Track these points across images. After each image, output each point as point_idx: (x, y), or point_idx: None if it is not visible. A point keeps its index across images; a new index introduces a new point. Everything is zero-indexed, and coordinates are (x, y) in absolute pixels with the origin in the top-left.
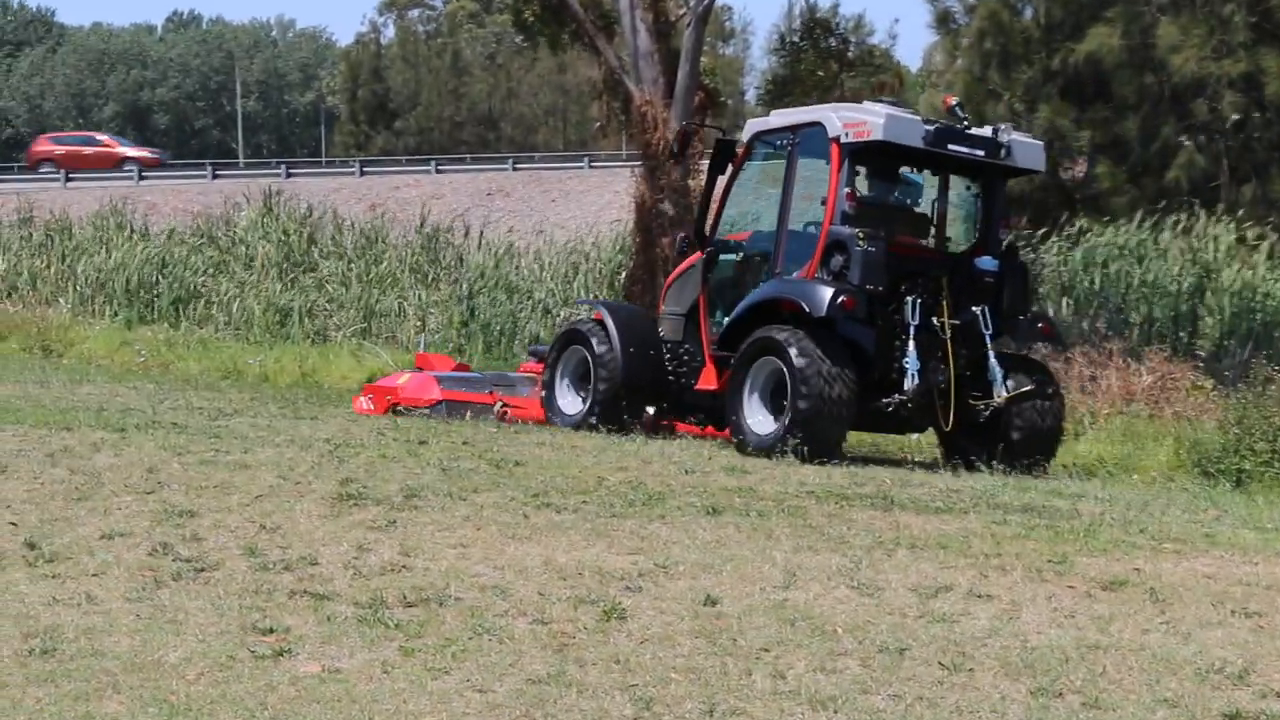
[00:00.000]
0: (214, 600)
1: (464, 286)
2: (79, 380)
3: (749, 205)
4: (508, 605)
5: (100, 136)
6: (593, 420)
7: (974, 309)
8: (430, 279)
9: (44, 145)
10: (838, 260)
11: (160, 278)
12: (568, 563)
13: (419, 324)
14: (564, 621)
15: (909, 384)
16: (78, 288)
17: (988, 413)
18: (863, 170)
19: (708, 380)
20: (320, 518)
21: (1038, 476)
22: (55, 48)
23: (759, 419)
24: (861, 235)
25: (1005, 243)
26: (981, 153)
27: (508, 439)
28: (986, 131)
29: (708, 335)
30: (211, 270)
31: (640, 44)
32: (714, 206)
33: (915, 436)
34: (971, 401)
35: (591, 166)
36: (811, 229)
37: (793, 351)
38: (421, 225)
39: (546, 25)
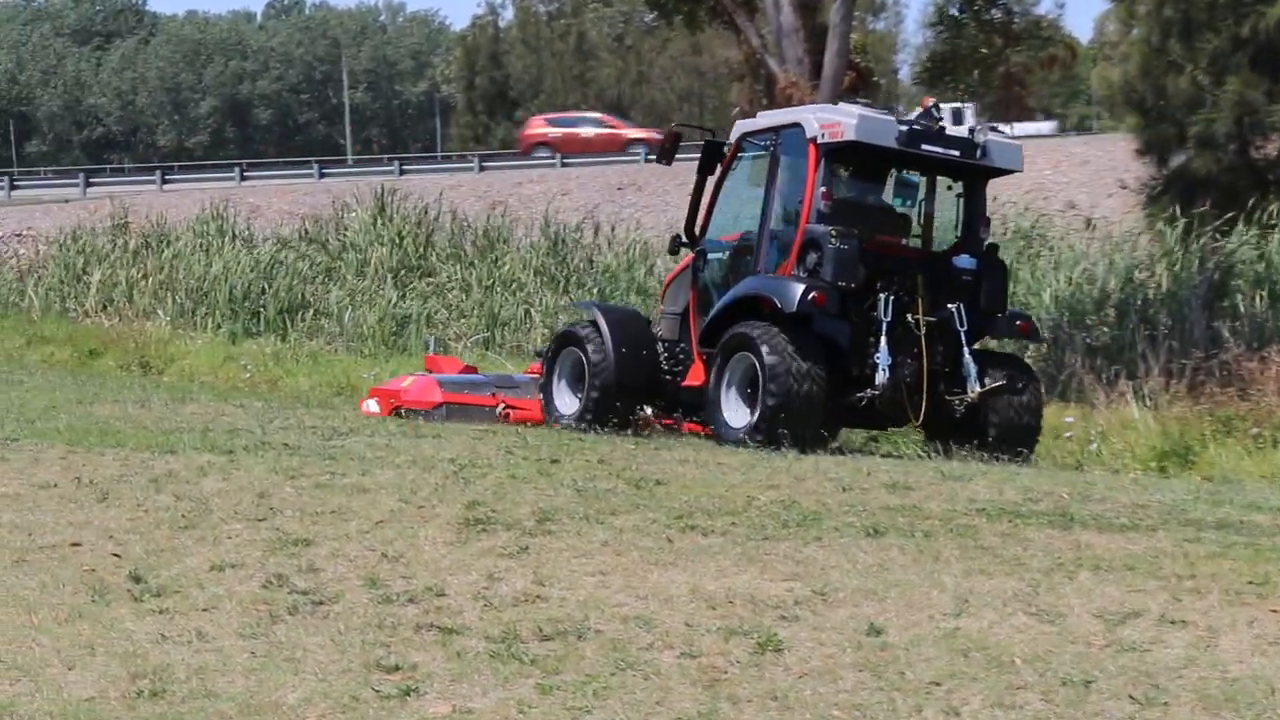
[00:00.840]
0: (334, 636)
1: (594, 291)
2: (181, 399)
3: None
4: (652, 637)
5: (598, 115)
6: (588, 420)
7: (949, 306)
8: (557, 283)
9: (538, 128)
10: (813, 257)
11: (266, 286)
12: (717, 590)
13: (548, 332)
14: (714, 654)
15: (880, 379)
16: (177, 299)
17: (962, 408)
18: (847, 170)
19: (695, 377)
20: (446, 545)
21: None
22: (147, 39)
23: (735, 413)
24: (834, 233)
25: (985, 242)
26: (957, 153)
27: (647, 456)
28: (963, 132)
29: (696, 333)
30: (321, 277)
31: (784, 20)
32: (703, 206)
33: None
34: (948, 397)
35: None
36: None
37: (763, 347)
38: (547, 224)
39: (682, 2)
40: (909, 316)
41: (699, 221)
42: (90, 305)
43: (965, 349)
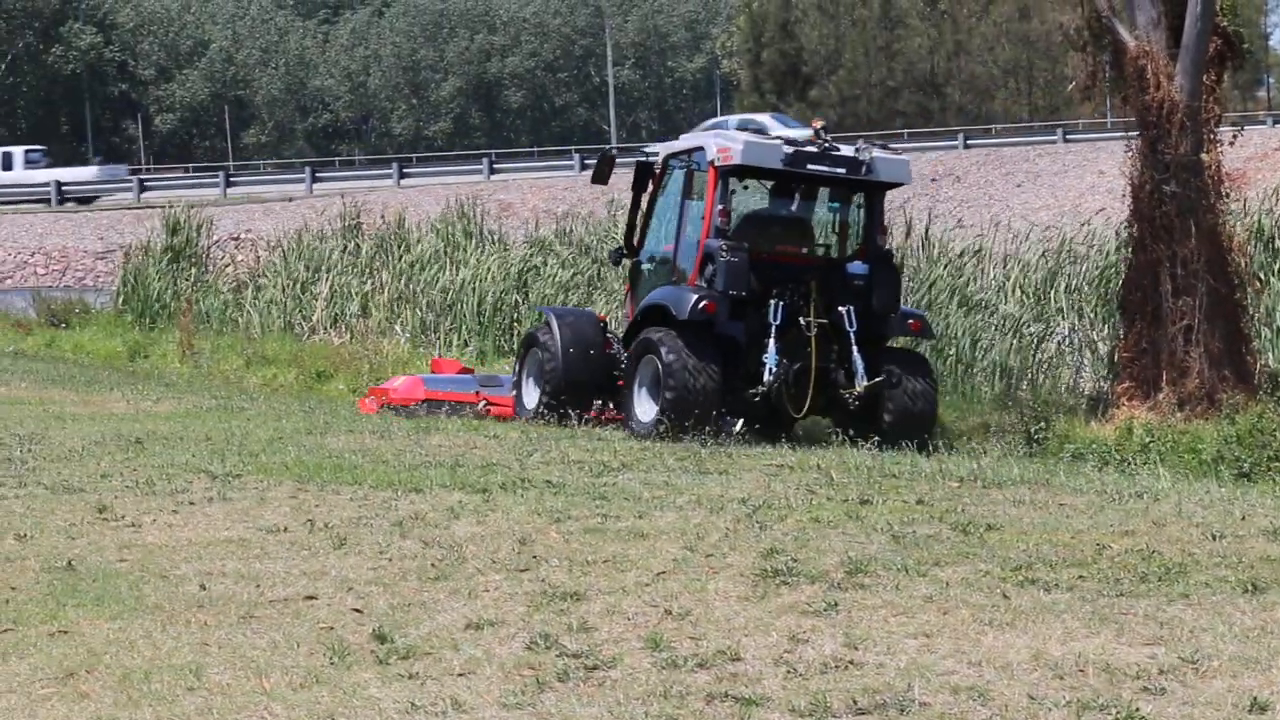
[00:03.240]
0: (611, 706)
1: (919, 301)
2: (425, 429)
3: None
4: (989, 712)
5: None
6: (543, 413)
7: (840, 309)
8: None
9: None
10: (710, 269)
11: (521, 298)
12: (1064, 656)
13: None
14: None
15: (766, 377)
16: (418, 312)
17: (854, 402)
18: (746, 189)
19: None
20: (740, 600)
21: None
22: (381, 11)
23: (644, 408)
24: (725, 247)
25: (881, 249)
26: (843, 170)
27: (974, 497)
28: (849, 151)
29: None
30: (585, 286)
31: None
32: (640, 220)
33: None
34: (842, 391)
35: (1067, 140)
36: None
37: (663, 350)
38: None
39: None
40: (801, 319)
41: (637, 234)
42: (318, 320)
43: (854, 347)
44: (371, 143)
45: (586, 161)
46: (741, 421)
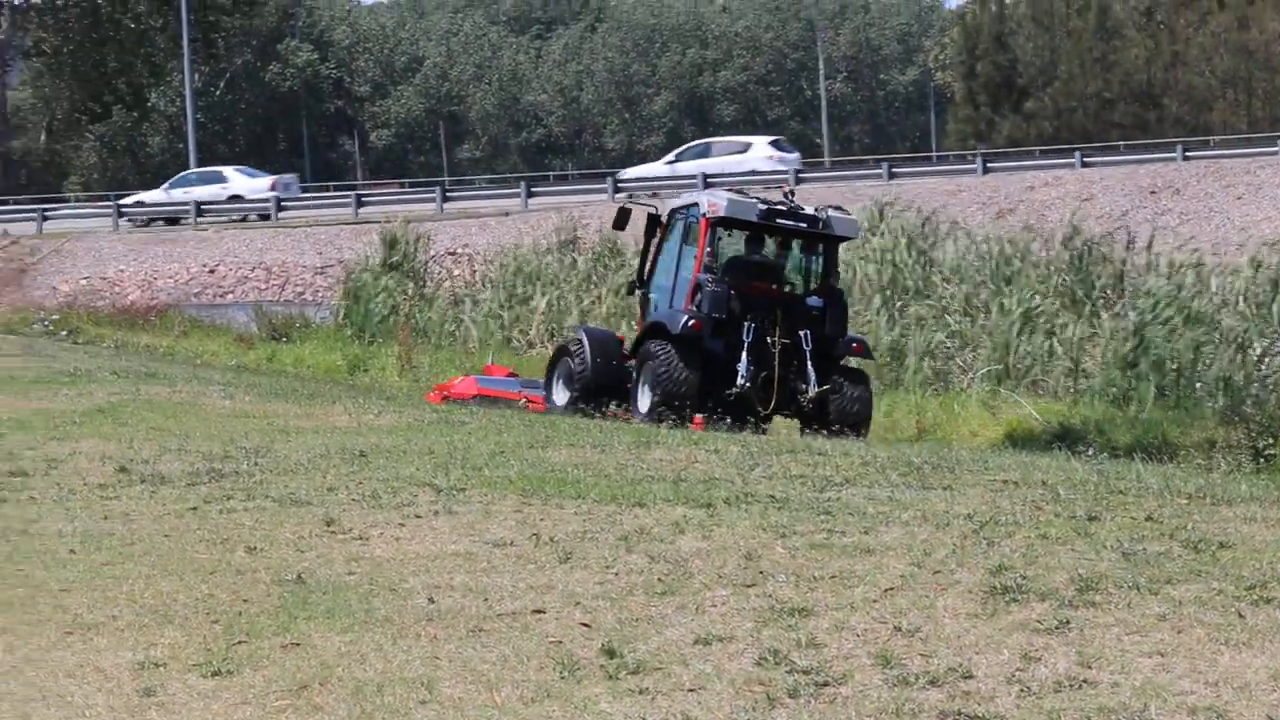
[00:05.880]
0: None
1: (1130, 316)
2: (646, 443)
3: None
4: None
5: None
6: (573, 409)
7: (800, 333)
8: (1084, 306)
9: None
10: (699, 297)
11: None
12: None
13: (1071, 365)
14: None
15: (739, 381)
16: (634, 326)
17: (808, 403)
18: (731, 236)
19: None
20: (969, 617)
21: None
22: (594, 26)
23: (644, 402)
24: (710, 280)
25: (833, 287)
26: (805, 225)
27: (1204, 514)
28: (811, 210)
29: None
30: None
31: None
32: (650, 260)
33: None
34: (799, 396)
35: None
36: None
37: (656, 357)
38: (1070, 236)
39: None
40: (768, 339)
41: (647, 270)
42: (535, 334)
43: (809, 362)
44: (585, 157)
45: (800, 175)
46: (729, 420)
